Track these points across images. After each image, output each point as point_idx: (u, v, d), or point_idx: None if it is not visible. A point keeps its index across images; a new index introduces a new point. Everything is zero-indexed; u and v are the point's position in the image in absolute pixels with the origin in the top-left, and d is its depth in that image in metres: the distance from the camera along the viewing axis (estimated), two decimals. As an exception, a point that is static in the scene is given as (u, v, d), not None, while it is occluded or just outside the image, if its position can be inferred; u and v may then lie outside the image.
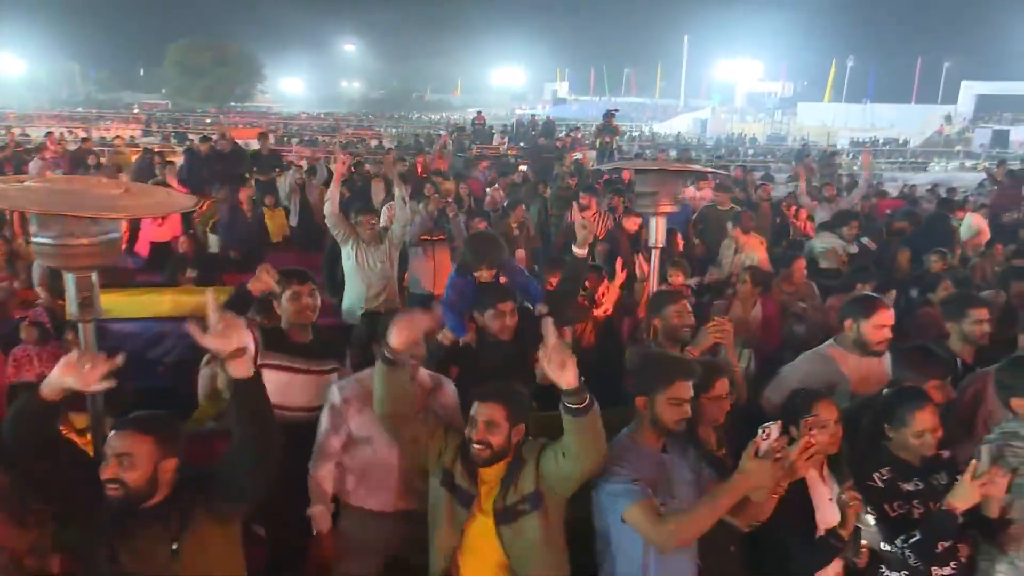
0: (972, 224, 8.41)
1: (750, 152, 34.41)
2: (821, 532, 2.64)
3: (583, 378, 2.24)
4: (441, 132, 27.52)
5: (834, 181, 16.73)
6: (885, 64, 52.77)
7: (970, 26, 61.29)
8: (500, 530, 2.47)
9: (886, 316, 3.30)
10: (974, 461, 2.44)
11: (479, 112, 23.95)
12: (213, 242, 7.95)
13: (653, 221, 4.68)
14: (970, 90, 46.60)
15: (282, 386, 3.06)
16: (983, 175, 19.09)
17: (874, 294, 3.89)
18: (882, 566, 2.68)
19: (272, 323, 3.45)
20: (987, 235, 8.06)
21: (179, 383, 4.68)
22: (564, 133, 23.89)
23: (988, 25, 59.21)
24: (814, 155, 24.09)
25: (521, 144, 22.34)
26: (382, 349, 2.49)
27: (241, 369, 2.07)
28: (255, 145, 12.30)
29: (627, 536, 2.42)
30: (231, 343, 2.04)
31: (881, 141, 39.01)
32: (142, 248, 8.05)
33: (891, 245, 7.29)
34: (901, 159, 32.82)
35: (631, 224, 6.92)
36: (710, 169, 5.67)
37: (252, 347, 3.02)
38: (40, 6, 59.79)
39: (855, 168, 28.60)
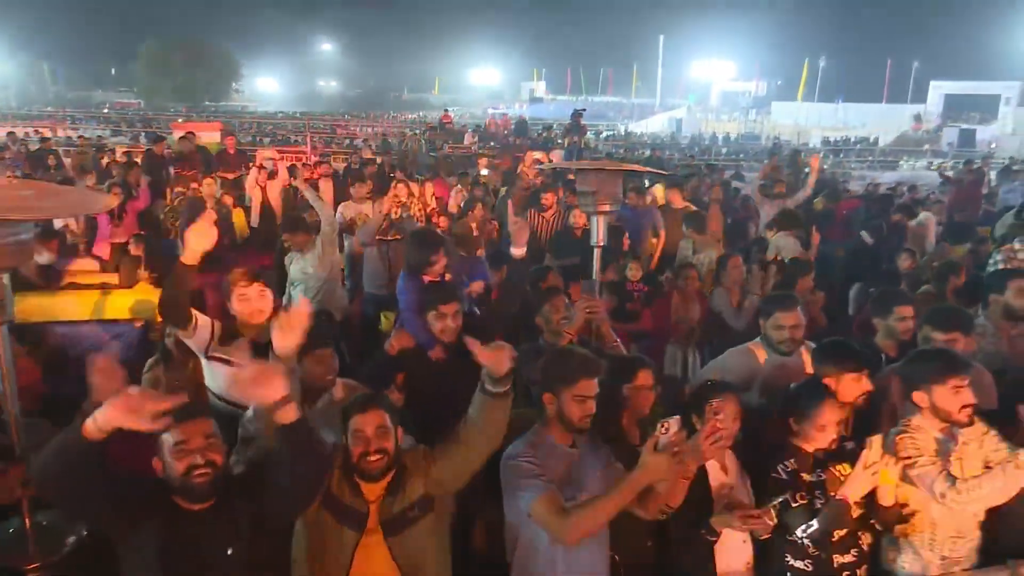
0: (922, 221, 8.59)
1: (723, 151, 34.72)
2: (718, 521, 2.72)
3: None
4: (408, 131, 27.45)
5: (799, 179, 17.04)
6: (856, 64, 53.56)
7: (938, 27, 62.33)
8: (389, 542, 2.39)
9: (787, 316, 3.40)
10: (865, 452, 2.53)
11: (446, 111, 23.96)
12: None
13: (595, 220, 4.78)
14: (938, 90, 47.40)
15: (228, 379, 3.08)
16: (948, 173, 19.39)
17: (788, 293, 3.97)
18: (788, 555, 2.77)
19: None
20: (932, 234, 8.24)
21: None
22: (537, 132, 24.05)
23: (955, 26, 60.28)
24: (780, 154, 24.36)
25: (492, 144, 22.39)
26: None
27: (288, 415, 2.09)
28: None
29: (535, 531, 2.47)
30: (274, 393, 2.07)
31: (852, 140, 39.57)
32: (102, 250, 8.01)
33: (890, 240, 7.44)
34: (871, 158, 33.26)
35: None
36: (650, 168, 5.73)
37: (207, 336, 3.11)
38: (6, 2, 58.80)
39: (824, 167, 29.09)
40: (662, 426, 2.28)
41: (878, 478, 2.54)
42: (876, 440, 2.54)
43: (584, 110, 15.90)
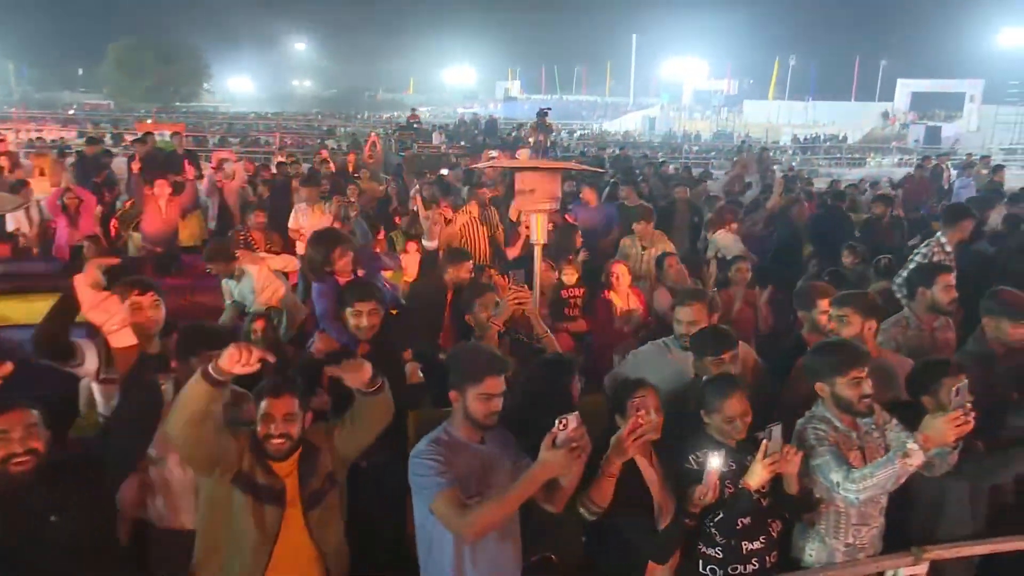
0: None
1: (695, 149, 34.98)
2: (658, 515, 2.78)
3: None
4: (371, 132, 27.29)
5: (767, 177, 17.24)
6: (825, 63, 54.30)
7: (905, 26, 63.40)
8: (308, 517, 2.57)
9: (684, 311, 3.47)
10: (764, 442, 2.60)
11: (413, 110, 23.91)
12: (139, 240, 7.90)
13: (535, 218, 4.82)
14: (905, 88, 48.06)
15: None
16: (910, 170, 19.69)
17: (696, 289, 4.03)
18: (700, 543, 2.83)
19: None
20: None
21: (68, 390, 4.65)
22: (507, 131, 24.08)
23: (922, 25, 61.34)
24: (746, 152, 24.63)
25: (462, 143, 22.39)
26: (209, 367, 2.31)
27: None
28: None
29: (441, 528, 2.49)
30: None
31: (822, 137, 40.08)
32: (61, 252, 7.92)
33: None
34: (839, 155, 33.71)
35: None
36: (588, 167, 5.76)
37: (96, 362, 3.03)
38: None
39: (793, 164, 29.45)
40: (560, 422, 2.32)
41: (778, 467, 2.60)
42: (777, 430, 2.61)
43: (550, 109, 15.96)
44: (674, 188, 8.98)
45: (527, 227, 4.89)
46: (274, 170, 11.58)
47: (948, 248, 4.89)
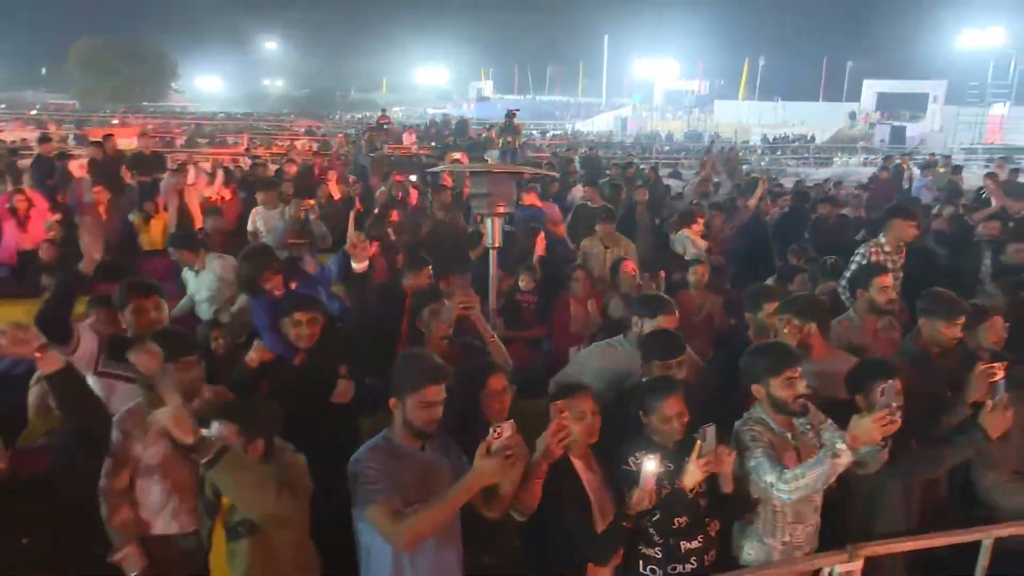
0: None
1: (665, 148, 35.26)
2: (597, 516, 2.80)
3: None
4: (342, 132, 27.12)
5: (735, 176, 17.42)
6: (794, 63, 55.01)
7: (871, 28, 64.52)
8: (231, 548, 2.54)
9: (658, 323, 3.50)
10: (699, 443, 2.64)
11: (383, 111, 23.79)
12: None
13: (489, 222, 4.84)
14: (872, 88, 48.92)
15: (122, 395, 3.07)
16: (875, 169, 20.00)
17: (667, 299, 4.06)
18: (640, 543, 2.86)
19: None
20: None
21: (13, 398, 4.58)
22: (478, 132, 24.05)
23: (887, 27, 62.47)
24: (714, 151, 24.89)
25: (433, 144, 22.33)
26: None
27: None
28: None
29: (379, 537, 2.50)
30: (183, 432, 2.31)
31: (791, 137, 40.63)
32: (8, 256, 7.76)
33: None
34: (806, 154, 34.21)
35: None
36: (542, 171, 5.77)
37: (93, 350, 3.07)
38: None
39: (762, 164, 29.85)
40: (495, 431, 2.34)
41: (712, 468, 2.64)
42: (711, 431, 2.65)
43: (518, 110, 15.95)
44: (636, 190, 9.03)
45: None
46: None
47: (887, 248, 4.99)
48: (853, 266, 5.13)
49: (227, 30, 79.84)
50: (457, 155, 13.05)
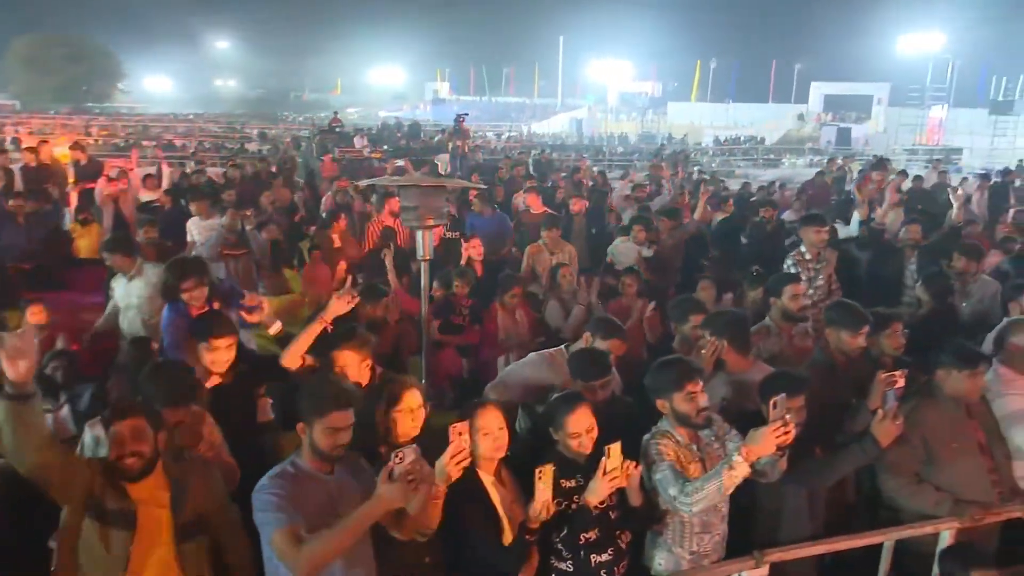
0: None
1: (619, 150, 35.60)
2: (508, 531, 2.84)
3: None
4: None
5: (685, 179, 17.69)
6: (744, 66, 56.14)
7: (816, 31, 66.14)
8: (181, 550, 2.59)
9: (607, 345, 3.56)
10: (604, 459, 2.69)
11: (335, 114, 23.58)
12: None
13: (420, 235, 4.85)
14: (819, 90, 50.18)
15: None
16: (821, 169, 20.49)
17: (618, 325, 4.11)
18: (552, 557, 2.91)
19: None
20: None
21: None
22: (432, 136, 23.97)
23: (832, 30, 64.17)
24: (663, 154, 25.26)
25: (385, 147, 22.18)
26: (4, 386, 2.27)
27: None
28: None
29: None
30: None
31: (742, 139, 41.45)
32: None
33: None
34: (756, 156, 34.92)
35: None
36: (471, 184, 5.79)
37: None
38: None
39: (713, 166, 30.38)
40: (396, 456, 2.35)
41: (617, 483, 2.70)
42: (615, 448, 2.70)
43: (467, 114, 15.99)
44: (571, 199, 9.02)
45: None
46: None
47: (808, 256, 5.15)
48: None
49: (177, 29, 78.02)
50: (400, 162, 13.00)
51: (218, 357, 3.32)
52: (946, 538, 3.31)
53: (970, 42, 46.81)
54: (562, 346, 3.98)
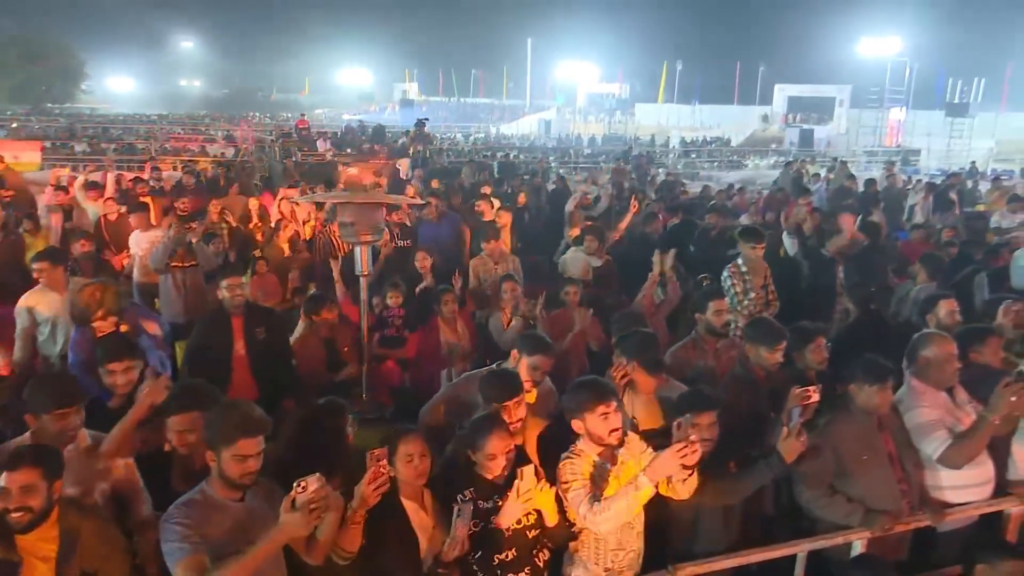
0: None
1: (586, 152, 35.77)
2: (426, 558, 2.87)
3: None
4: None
5: (647, 183, 17.86)
6: (709, 67, 56.88)
7: (780, 32, 67.22)
8: None
9: (534, 361, 3.60)
10: (516, 482, 2.73)
11: (302, 116, 23.39)
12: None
13: (358, 250, 4.87)
14: (783, 92, 50.93)
15: None
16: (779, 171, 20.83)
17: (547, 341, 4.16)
18: (471, 580, 2.95)
19: None
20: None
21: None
22: (396, 139, 23.89)
23: (795, 32, 65.23)
24: (625, 157, 25.49)
25: (348, 151, 22.06)
26: None
27: None
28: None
29: None
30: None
31: (708, 140, 41.93)
32: None
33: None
34: (720, 158, 35.34)
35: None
36: (409, 199, 5.83)
37: None
38: None
39: (678, 168, 30.71)
40: (299, 485, 2.37)
41: (531, 505, 2.74)
42: (527, 470, 2.75)
43: (427, 119, 16.00)
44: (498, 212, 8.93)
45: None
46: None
47: (744, 268, 5.26)
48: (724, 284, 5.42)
49: (140, 28, 76.84)
50: (353, 170, 12.94)
51: (115, 380, 3.34)
52: (858, 547, 3.43)
53: (927, 45, 48.02)
54: (494, 364, 4.03)
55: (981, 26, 57.97)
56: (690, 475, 2.90)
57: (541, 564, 3.01)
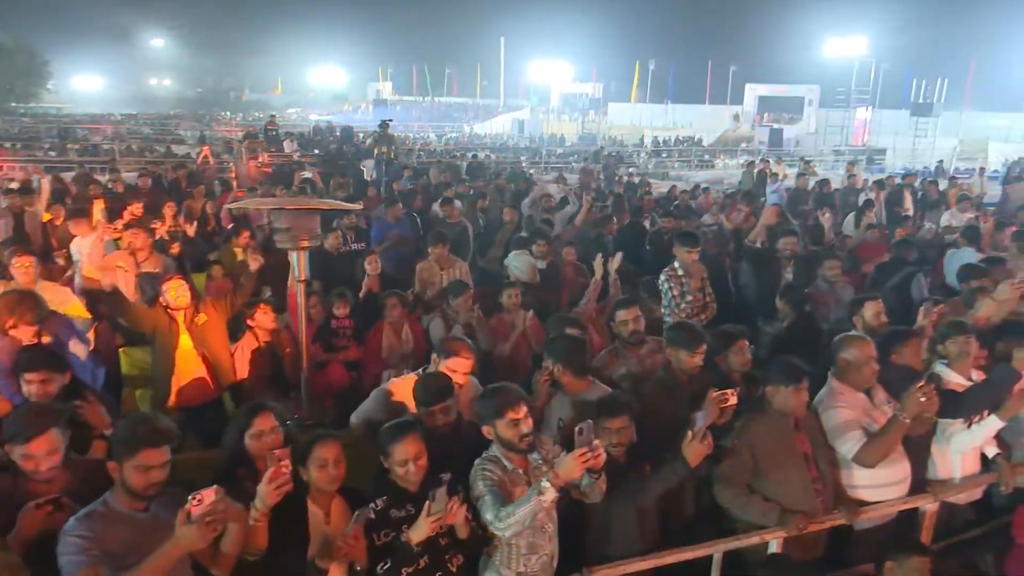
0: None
1: (558, 151, 35.88)
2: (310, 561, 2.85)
3: None
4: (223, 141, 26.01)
5: (614, 183, 17.97)
6: (681, 67, 57.25)
7: (750, 33, 67.93)
8: None
9: (459, 363, 3.63)
10: (428, 503, 2.73)
11: (272, 117, 23.20)
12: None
13: (294, 256, 4.85)
14: (753, 92, 51.55)
15: None
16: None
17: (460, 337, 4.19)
18: (378, 585, 2.95)
19: None
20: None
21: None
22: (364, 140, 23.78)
23: (764, 32, 65.95)
24: (594, 158, 25.63)
25: (316, 151, 21.94)
26: None
27: None
28: None
29: None
30: None
31: (680, 139, 42.26)
32: None
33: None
34: (690, 157, 35.63)
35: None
36: (349, 205, 5.82)
37: None
38: None
39: (649, 167, 30.93)
40: (194, 498, 2.37)
41: (443, 522, 2.75)
42: (440, 492, 2.72)
43: (391, 120, 15.96)
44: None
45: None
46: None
47: (680, 272, 5.32)
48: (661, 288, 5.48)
49: (108, 26, 75.54)
50: (308, 173, 12.91)
51: (31, 390, 3.32)
52: (774, 547, 3.50)
53: (892, 46, 48.83)
54: (420, 369, 4.04)
55: (944, 27, 59.08)
56: (597, 479, 2.94)
57: (454, 569, 3.03)
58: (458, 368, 3.66)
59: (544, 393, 3.71)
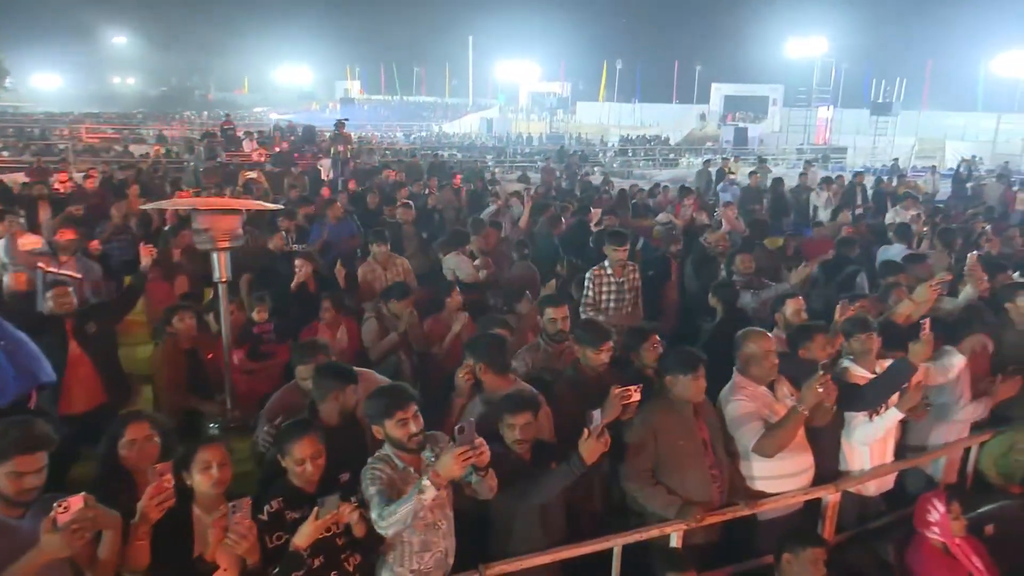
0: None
1: (526, 150, 35.93)
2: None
3: None
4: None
5: (575, 183, 18.04)
6: (649, 66, 57.59)
7: (715, 32, 68.66)
8: None
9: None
10: (317, 508, 2.73)
11: (227, 116, 22.93)
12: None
13: (215, 256, 4.82)
14: (719, 91, 52.02)
15: None
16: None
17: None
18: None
19: None
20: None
21: None
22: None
23: (728, 32, 66.69)
24: (557, 156, 25.73)
25: (277, 150, 21.67)
26: None
27: None
28: None
29: None
30: None
31: (648, 138, 42.54)
32: None
33: None
34: (655, 156, 35.89)
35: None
36: (267, 205, 5.79)
37: None
38: None
39: (615, 166, 31.11)
40: (59, 505, 2.35)
41: (326, 526, 2.76)
42: (331, 499, 2.73)
43: (347, 120, 15.87)
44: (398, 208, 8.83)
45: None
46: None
47: (609, 271, 5.37)
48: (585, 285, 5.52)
49: (66, 21, 73.78)
50: (253, 173, 12.78)
51: None
52: (674, 539, 3.56)
53: (851, 46, 49.54)
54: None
55: (902, 28, 60.25)
56: (484, 476, 2.96)
57: (351, 568, 3.03)
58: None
59: (466, 391, 3.73)
